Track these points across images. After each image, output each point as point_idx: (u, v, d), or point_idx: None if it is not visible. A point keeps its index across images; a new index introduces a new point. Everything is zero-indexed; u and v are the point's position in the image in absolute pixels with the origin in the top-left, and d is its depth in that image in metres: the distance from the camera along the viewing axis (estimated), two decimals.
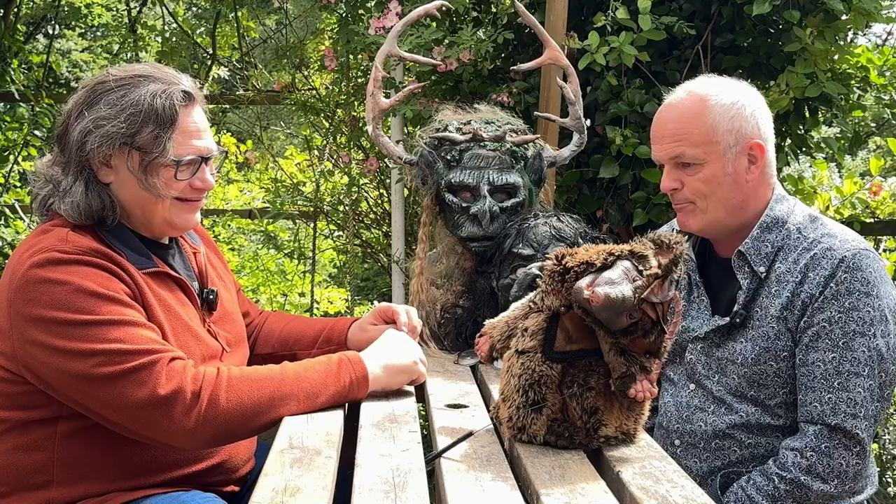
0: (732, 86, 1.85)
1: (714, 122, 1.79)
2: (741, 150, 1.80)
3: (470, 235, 2.20)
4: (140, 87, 1.64)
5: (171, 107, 1.64)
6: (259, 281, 6.18)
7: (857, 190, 3.74)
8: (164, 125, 1.63)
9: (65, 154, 1.65)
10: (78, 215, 1.62)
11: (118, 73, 1.67)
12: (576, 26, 3.03)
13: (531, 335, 1.46)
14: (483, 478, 1.31)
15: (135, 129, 1.62)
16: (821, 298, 1.73)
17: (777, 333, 1.78)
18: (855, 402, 1.70)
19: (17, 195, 5.48)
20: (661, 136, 1.85)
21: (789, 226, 1.82)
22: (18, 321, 1.52)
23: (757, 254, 1.82)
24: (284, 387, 1.56)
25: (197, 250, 1.84)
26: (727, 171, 1.80)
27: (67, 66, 8.08)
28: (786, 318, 1.77)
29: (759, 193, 1.84)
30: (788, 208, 1.85)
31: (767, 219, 1.83)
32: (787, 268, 1.79)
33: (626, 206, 3.12)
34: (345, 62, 3.55)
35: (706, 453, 1.88)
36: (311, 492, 1.22)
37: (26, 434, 1.58)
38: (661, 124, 1.86)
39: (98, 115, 1.62)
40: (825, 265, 1.74)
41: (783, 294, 1.77)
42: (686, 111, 1.82)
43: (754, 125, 1.81)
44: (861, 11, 2.91)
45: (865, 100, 3.45)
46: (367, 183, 4.03)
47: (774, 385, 1.80)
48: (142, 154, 1.63)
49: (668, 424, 1.96)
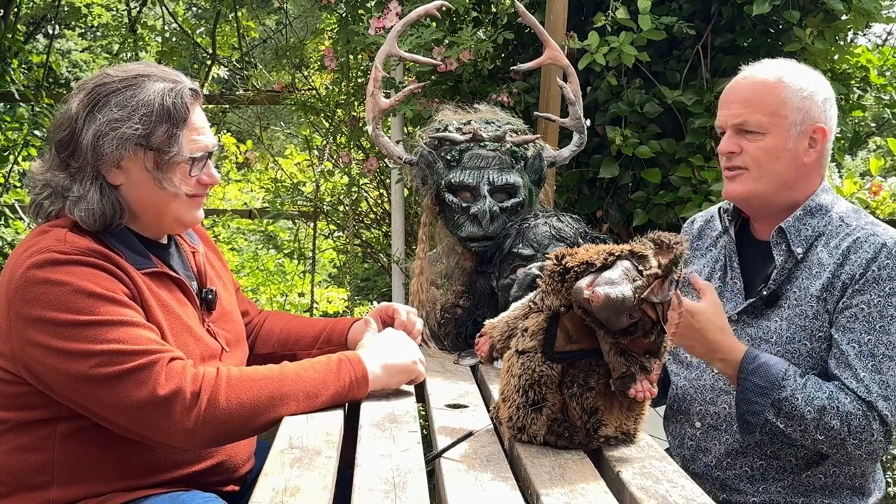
0: (811, 74, 1.89)
1: (786, 97, 1.82)
2: (805, 130, 1.83)
3: (470, 235, 2.20)
4: (146, 86, 1.63)
5: (183, 105, 1.65)
6: (259, 281, 6.18)
7: (857, 190, 3.74)
8: (177, 123, 1.63)
9: (75, 160, 1.62)
10: (93, 222, 1.60)
11: (118, 73, 1.66)
12: (576, 26, 3.03)
13: (531, 335, 1.46)
14: (483, 478, 1.31)
15: (149, 129, 1.61)
16: (861, 280, 1.75)
17: (815, 313, 1.79)
18: (888, 384, 1.71)
19: (17, 195, 5.48)
20: (730, 101, 1.88)
21: (832, 214, 1.85)
22: (17, 322, 1.52)
23: (797, 234, 1.84)
24: (284, 387, 1.56)
25: (196, 250, 1.84)
26: (787, 146, 1.83)
27: (67, 66, 8.08)
28: (825, 300, 1.79)
29: (810, 177, 1.87)
30: (833, 199, 1.89)
31: (812, 203, 1.86)
32: (827, 252, 1.81)
33: (626, 206, 3.13)
34: (345, 62, 3.55)
35: (726, 435, 1.88)
36: (311, 492, 1.22)
37: (26, 434, 1.58)
38: (735, 90, 1.89)
39: (111, 117, 1.60)
40: (867, 248, 1.77)
41: (823, 275, 1.79)
42: (762, 82, 1.86)
43: (822, 112, 1.85)
44: (861, 11, 2.91)
45: (865, 100, 3.45)
46: (367, 183, 4.03)
47: (806, 365, 1.80)
48: (157, 153, 1.63)
49: (687, 407, 1.96)
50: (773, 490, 1.83)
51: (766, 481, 1.84)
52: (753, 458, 1.85)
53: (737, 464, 1.87)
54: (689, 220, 2.16)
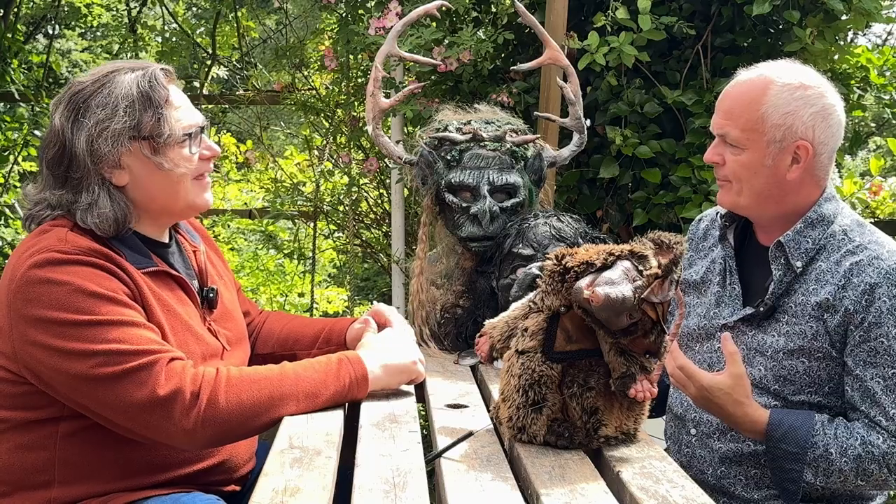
0: (805, 79, 1.80)
1: (765, 114, 1.77)
2: (786, 147, 1.77)
3: (470, 235, 2.20)
4: (118, 80, 1.64)
5: (160, 85, 1.66)
6: (259, 281, 6.18)
7: (857, 190, 3.74)
8: (159, 105, 1.65)
9: (75, 170, 1.62)
10: (108, 227, 1.60)
11: (88, 78, 1.67)
12: (576, 26, 3.03)
13: (531, 335, 1.46)
14: (483, 478, 1.31)
15: (136, 118, 1.63)
16: (875, 312, 1.71)
17: (815, 333, 1.76)
18: None
19: (17, 195, 5.48)
20: (719, 109, 1.86)
21: (835, 227, 1.81)
22: (18, 322, 1.52)
23: (796, 248, 1.80)
24: (284, 387, 1.56)
25: (197, 248, 1.84)
26: (765, 162, 1.78)
27: (67, 66, 8.07)
28: (825, 320, 1.75)
29: (802, 191, 1.82)
30: (836, 209, 1.83)
31: (814, 215, 1.81)
32: (828, 267, 1.77)
33: (626, 206, 3.13)
34: (345, 62, 3.55)
35: (720, 443, 1.87)
36: (311, 492, 1.22)
37: (27, 434, 1.58)
38: (722, 98, 1.86)
39: (96, 118, 1.61)
40: (871, 273, 1.72)
41: (821, 293, 1.76)
42: (745, 94, 1.81)
43: (809, 126, 1.77)
44: (861, 11, 2.91)
45: (865, 100, 3.45)
46: (367, 183, 4.03)
47: (801, 382, 1.78)
48: (151, 140, 1.64)
49: (683, 413, 1.95)
50: (769, 498, 1.83)
51: (760, 489, 1.83)
52: (748, 466, 1.84)
53: (731, 472, 1.85)
54: (696, 218, 2.14)
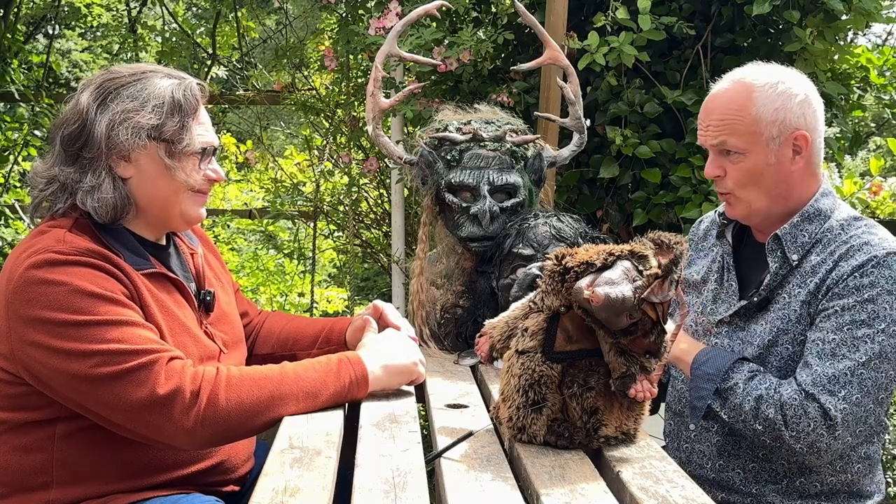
0: (780, 75, 1.83)
1: (758, 114, 1.79)
2: (785, 140, 1.79)
3: (470, 235, 2.20)
4: (154, 80, 1.67)
5: (193, 97, 1.69)
6: (259, 281, 6.18)
7: (857, 190, 3.74)
8: (187, 115, 1.67)
9: (88, 150, 1.63)
10: (105, 213, 1.62)
11: (125, 69, 1.69)
12: (576, 26, 3.03)
13: (531, 335, 1.46)
14: (483, 478, 1.31)
15: (161, 119, 1.65)
16: (842, 285, 1.73)
17: (799, 317, 1.78)
18: (837, 381, 1.68)
19: (17, 195, 5.48)
20: (706, 125, 1.86)
21: (832, 221, 1.83)
22: (16, 322, 1.52)
23: (793, 241, 1.82)
24: (284, 386, 1.56)
25: (194, 251, 1.84)
26: (769, 161, 1.80)
27: (67, 66, 8.07)
28: (810, 303, 1.78)
29: (804, 183, 1.84)
30: (833, 204, 1.85)
31: (811, 209, 1.83)
32: (821, 259, 1.79)
33: (626, 206, 3.12)
34: (345, 62, 3.55)
35: (718, 437, 1.88)
36: (311, 492, 1.22)
37: (25, 435, 1.58)
38: (707, 112, 1.87)
39: (124, 107, 1.63)
40: (858, 256, 1.75)
41: (813, 281, 1.78)
42: (731, 101, 1.82)
43: (800, 115, 1.80)
44: (861, 11, 2.91)
45: (865, 100, 3.45)
46: (367, 183, 4.03)
47: (788, 368, 1.79)
48: (168, 144, 1.66)
49: (682, 409, 1.96)
50: (769, 493, 1.83)
51: (759, 483, 1.84)
52: (745, 460, 1.85)
53: (729, 465, 1.86)
54: (697, 220, 2.16)
